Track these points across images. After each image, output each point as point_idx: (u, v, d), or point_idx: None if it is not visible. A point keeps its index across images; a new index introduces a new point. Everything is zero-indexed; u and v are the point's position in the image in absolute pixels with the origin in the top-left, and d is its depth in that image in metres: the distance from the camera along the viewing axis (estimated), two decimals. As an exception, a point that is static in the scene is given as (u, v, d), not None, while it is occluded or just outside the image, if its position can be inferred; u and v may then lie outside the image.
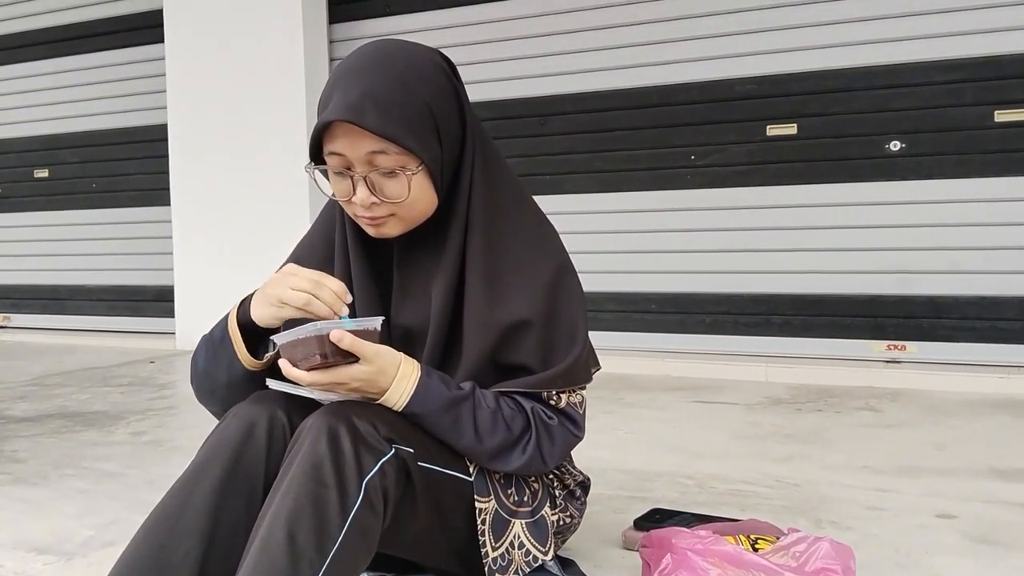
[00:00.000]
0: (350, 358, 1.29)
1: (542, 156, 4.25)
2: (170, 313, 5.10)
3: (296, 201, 4.56)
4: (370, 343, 1.30)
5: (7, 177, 5.88)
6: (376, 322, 1.31)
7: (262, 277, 1.59)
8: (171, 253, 5.04)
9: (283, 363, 1.30)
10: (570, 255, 1.52)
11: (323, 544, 1.20)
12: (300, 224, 4.36)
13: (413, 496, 1.33)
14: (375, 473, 1.26)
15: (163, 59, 4.99)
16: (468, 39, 4.35)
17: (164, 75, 4.99)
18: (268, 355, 1.44)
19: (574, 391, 1.48)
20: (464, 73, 1.52)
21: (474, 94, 1.53)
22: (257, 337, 1.42)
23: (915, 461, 2.42)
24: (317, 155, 1.41)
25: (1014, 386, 3.30)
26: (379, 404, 1.35)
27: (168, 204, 5.03)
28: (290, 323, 1.36)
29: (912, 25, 3.57)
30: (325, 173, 1.43)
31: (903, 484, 2.21)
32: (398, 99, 1.34)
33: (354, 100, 1.33)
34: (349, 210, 1.44)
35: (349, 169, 1.38)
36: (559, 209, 3.96)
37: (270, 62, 4.64)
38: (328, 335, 1.26)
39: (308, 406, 1.35)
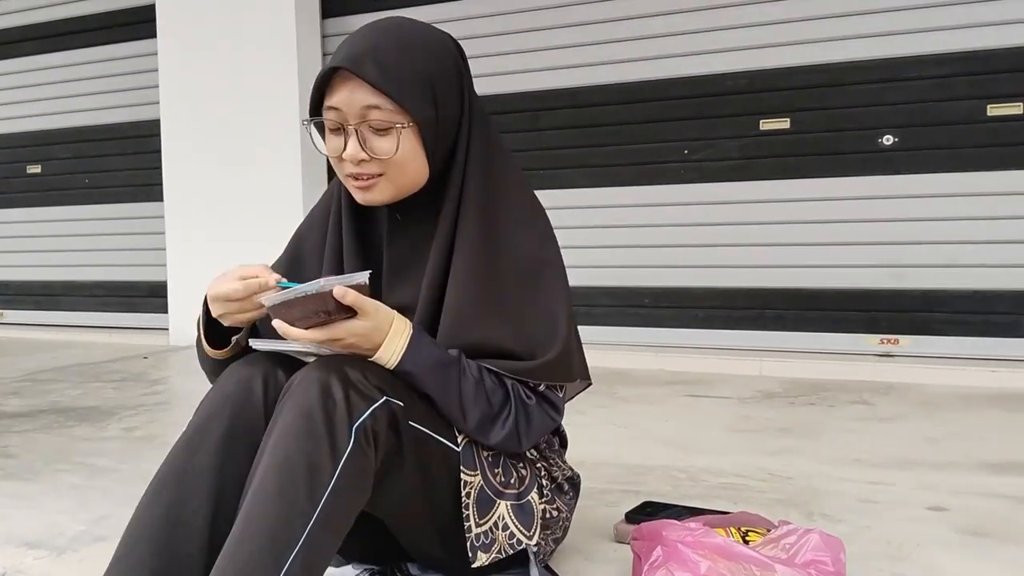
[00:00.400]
0: (348, 313, 1.30)
1: (535, 151, 4.25)
2: (163, 309, 5.10)
3: (289, 195, 4.56)
4: (370, 299, 1.32)
5: (-1, 173, 5.87)
6: (363, 276, 1.31)
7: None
8: (164, 249, 5.03)
9: (278, 323, 1.30)
10: (562, 249, 1.52)
11: (314, 491, 1.21)
12: (293, 218, 4.31)
13: (401, 451, 1.33)
14: (366, 417, 1.26)
15: (155, 54, 4.98)
16: (459, 34, 4.27)
17: (156, 70, 4.97)
18: (235, 338, 1.46)
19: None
20: (455, 67, 1.52)
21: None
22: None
23: (907, 454, 2.43)
24: (317, 110, 1.44)
25: (1006, 380, 3.31)
26: (371, 361, 1.36)
27: (161, 200, 5.03)
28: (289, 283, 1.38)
29: (904, 19, 3.57)
30: (321, 129, 1.44)
31: (895, 477, 2.21)
32: (400, 60, 1.38)
33: (357, 53, 1.37)
34: (340, 170, 1.45)
35: (344, 125, 1.39)
36: (552, 204, 3.90)
37: (263, 57, 4.63)
38: (332, 291, 1.26)
39: (299, 363, 1.37)
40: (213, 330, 1.46)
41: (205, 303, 1.43)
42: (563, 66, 4.18)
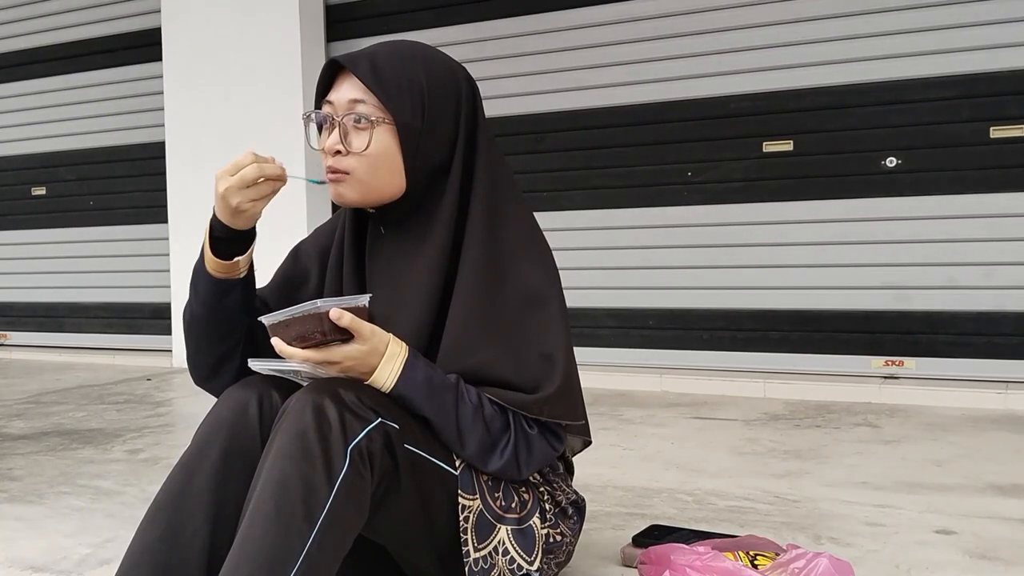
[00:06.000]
0: (345, 335, 1.31)
1: (539, 173, 4.26)
2: (167, 331, 5.09)
3: (293, 219, 4.56)
4: (367, 323, 1.33)
5: (5, 195, 5.87)
6: (364, 299, 1.33)
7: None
8: (168, 270, 5.03)
9: (275, 341, 1.31)
10: (565, 270, 1.53)
11: (311, 512, 1.22)
12: (297, 240, 4.35)
13: (397, 473, 1.33)
14: (360, 439, 1.27)
15: (161, 77, 5.00)
16: (465, 57, 4.33)
17: (162, 93, 4.99)
18: (239, 258, 1.45)
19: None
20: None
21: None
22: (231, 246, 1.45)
23: (914, 477, 2.42)
24: (320, 106, 1.49)
25: (1012, 402, 3.30)
26: (366, 384, 1.36)
27: (165, 221, 5.03)
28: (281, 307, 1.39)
29: (908, 42, 3.58)
30: (321, 128, 1.48)
31: (902, 500, 2.21)
32: (395, 67, 1.44)
33: (357, 54, 1.44)
34: (324, 167, 1.48)
35: (332, 118, 1.44)
36: (556, 225, 3.97)
37: (268, 80, 4.65)
38: (327, 313, 1.27)
39: (294, 386, 1.37)
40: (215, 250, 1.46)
41: (211, 220, 1.43)
42: (566, 88, 4.19)
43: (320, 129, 1.48)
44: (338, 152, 1.43)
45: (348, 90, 1.43)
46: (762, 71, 3.82)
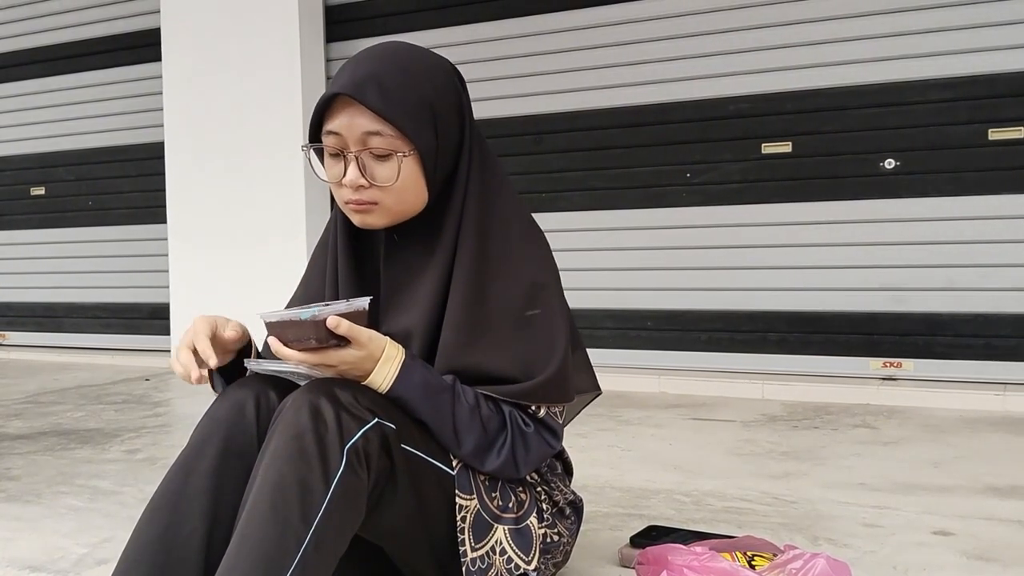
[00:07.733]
0: (342, 341, 1.30)
1: (537, 174, 4.26)
2: (165, 331, 5.09)
3: (292, 219, 4.56)
4: (364, 329, 1.32)
5: (3, 195, 5.87)
6: (364, 302, 1.33)
7: (257, 293, 1.60)
8: (167, 271, 5.03)
9: (272, 340, 1.31)
10: (564, 271, 1.52)
11: (307, 513, 1.22)
12: (296, 242, 4.36)
13: (394, 474, 1.33)
14: (357, 439, 1.27)
15: (160, 77, 5.00)
16: (463, 58, 4.36)
17: (161, 93, 5.00)
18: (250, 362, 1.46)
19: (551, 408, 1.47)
20: (460, 91, 1.53)
21: (470, 112, 1.55)
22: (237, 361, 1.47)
23: (912, 478, 2.42)
24: (316, 135, 1.44)
25: (1010, 403, 3.30)
26: (364, 384, 1.36)
27: (164, 222, 5.04)
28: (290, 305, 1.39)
29: (906, 44, 3.59)
30: (320, 154, 1.45)
31: (900, 501, 2.21)
32: (402, 86, 1.38)
33: (359, 79, 1.37)
34: (339, 196, 1.45)
35: (344, 151, 1.40)
36: (555, 226, 3.97)
37: (267, 80, 4.65)
38: (325, 321, 1.27)
39: (292, 386, 1.37)
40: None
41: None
42: (565, 90, 4.20)
43: (321, 157, 1.45)
44: (361, 186, 1.40)
45: (359, 121, 1.37)
46: (761, 73, 3.83)
